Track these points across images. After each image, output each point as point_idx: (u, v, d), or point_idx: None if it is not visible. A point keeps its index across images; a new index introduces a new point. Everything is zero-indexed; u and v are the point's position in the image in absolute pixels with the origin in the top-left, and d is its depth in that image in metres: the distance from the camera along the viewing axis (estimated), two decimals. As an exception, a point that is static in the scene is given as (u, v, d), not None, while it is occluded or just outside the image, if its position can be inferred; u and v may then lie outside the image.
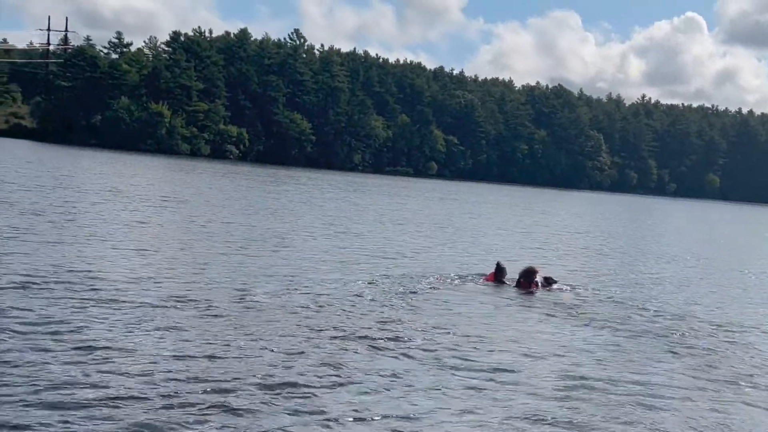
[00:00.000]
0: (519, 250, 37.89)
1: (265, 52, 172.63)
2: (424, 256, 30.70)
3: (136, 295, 18.02)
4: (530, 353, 16.36)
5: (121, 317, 16.01)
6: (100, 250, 23.98)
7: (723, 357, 17.71)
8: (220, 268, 22.83)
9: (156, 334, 14.92)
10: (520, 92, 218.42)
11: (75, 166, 73.25)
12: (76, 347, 13.53)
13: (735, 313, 24.15)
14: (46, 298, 16.89)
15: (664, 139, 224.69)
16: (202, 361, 13.53)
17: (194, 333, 15.32)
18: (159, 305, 17.34)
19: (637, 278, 30.87)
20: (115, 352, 13.42)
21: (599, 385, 14.42)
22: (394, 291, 21.84)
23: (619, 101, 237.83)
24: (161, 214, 37.52)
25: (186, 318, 16.45)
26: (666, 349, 17.88)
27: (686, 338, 19.22)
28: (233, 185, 69.84)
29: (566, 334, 18.60)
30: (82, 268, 20.41)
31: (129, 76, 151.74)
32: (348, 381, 13.30)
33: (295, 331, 16.22)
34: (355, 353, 15.00)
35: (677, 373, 15.93)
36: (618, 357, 16.70)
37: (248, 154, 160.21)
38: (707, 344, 18.80)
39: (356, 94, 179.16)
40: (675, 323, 21.14)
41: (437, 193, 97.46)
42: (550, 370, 15.12)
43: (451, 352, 15.89)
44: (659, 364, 16.50)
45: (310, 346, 15.13)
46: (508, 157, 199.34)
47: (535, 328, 19.09)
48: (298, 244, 30.54)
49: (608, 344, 17.80)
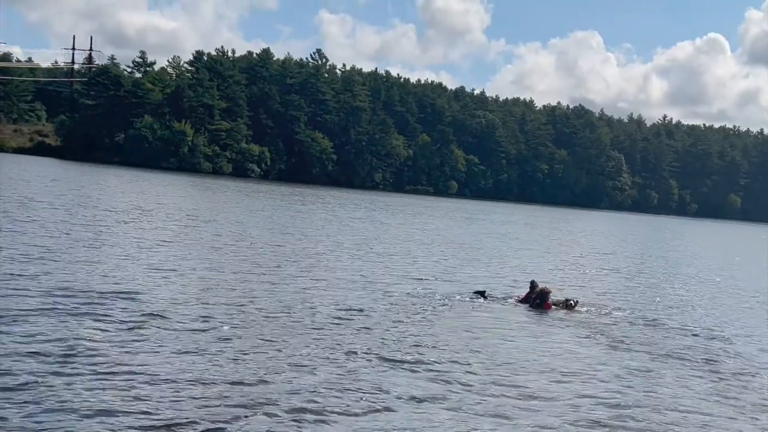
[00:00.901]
0: (549, 271, 38.02)
1: (287, 72, 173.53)
2: (454, 277, 30.91)
3: (167, 316, 18.30)
4: (555, 376, 16.51)
5: (150, 338, 16.30)
6: (131, 271, 24.29)
7: (752, 378, 17.79)
8: (251, 289, 23.07)
9: (183, 356, 15.17)
10: (541, 112, 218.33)
11: (100, 184, 73.90)
12: (106, 371, 13.79)
13: (762, 333, 24.19)
14: (74, 320, 17.18)
15: (685, 159, 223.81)
16: (226, 382, 13.78)
17: (222, 353, 15.58)
18: (188, 326, 17.62)
19: (664, 299, 30.91)
20: (140, 375, 13.69)
21: (630, 412, 14.55)
22: (419, 311, 22.06)
23: (640, 121, 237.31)
24: (191, 234, 37.79)
25: (213, 339, 16.70)
26: (694, 372, 17.98)
27: (715, 360, 19.30)
28: (261, 204, 70.26)
29: (591, 356, 18.73)
30: (113, 290, 20.72)
31: (152, 95, 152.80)
32: (371, 403, 13.53)
33: (322, 351, 16.43)
34: (381, 374, 15.21)
35: (708, 396, 16.03)
36: (647, 380, 16.80)
37: (270, 172, 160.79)
38: (736, 366, 18.89)
39: (377, 113, 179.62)
40: (705, 345, 21.21)
41: (462, 213, 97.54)
42: (578, 394, 15.27)
43: (476, 374, 16.07)
44: (689, 387, 16.60)
45: (337, 368, 15.34)
46: (528, 176, 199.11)
47: (559, 349, 19.23)
48: (330, 265, 30.78)
49: (635, 366, 17.92)
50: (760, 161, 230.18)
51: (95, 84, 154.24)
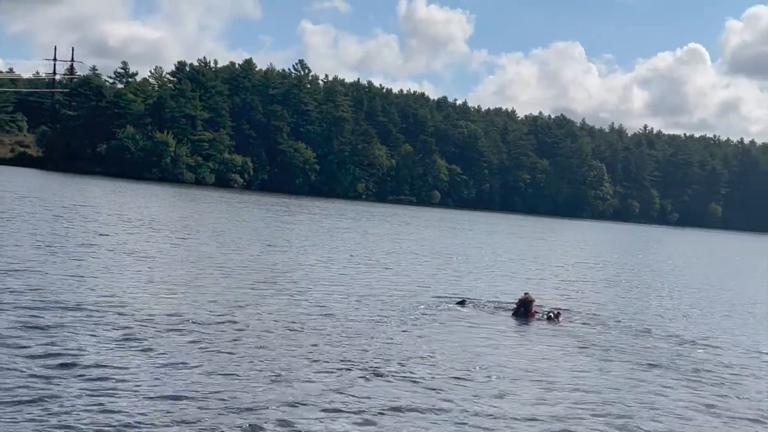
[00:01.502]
0: (539, 281, 38.26)
1: (269, 82, 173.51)
2: (443, 286, 31.06)
3: (152, 329, 18.35)
4: (536, 384, 16.68)
5: (136, 350, 16.36)
6: (116, 283, 24.27)
7: (737, 386, 18.01)
8: (238, 300, 23.12)
9: (169, 369, 15.23)
10: (523, 122, 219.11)
11: (84, 195, 73.58)
12: (93, 386, 13.86)
13: (748, 341, 24.45)
14: (60, 333, 17.20)
15: (666, 168, 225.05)
16: (212, 395, 13.88)
17: (209, 365, 15.68)
18: (175, 339, 17.67)
19: (649, 308, 31.15)
20: (126, 390, 13.77)
21: (610, 419, 14.74)
22: (407, 321, 22.19)
23: (621, 131, 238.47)
24: (177, 246, 37.64)
25: (200, 351, 16.79)
26: (680, 380, 18.18)
27: (700, 368, 19.51)
28: (247, 215, 70.21)
29: (574, 365, 18.91)
30: (99, 302, 20.72)
31: (134, 106, 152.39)
32: (355, 413, 13.66)
33: (309, 362, 16.54)
34: (364, 385, 15.33)
35: (693, 404, 16.23)
36: (628, 387, 16.99)
37: (252, 183, 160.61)
38: (722, 373, 19.12)
39: (360, 123, 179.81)
40: (691, 353, 21.43)
41: (447, 223, 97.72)
42: (560, 403, 15.44)
43: (461, 381, 16.23)
44: (674, 395, 16.81)
45: (323, 378, 15.46)
46: (510, 186, 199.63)
47: (542, 358, 19.39)
48: (318, 275, 30.85)
49: (619, 373, 18.10)
50: (741, 170, 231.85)
51: (77, 95, 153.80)
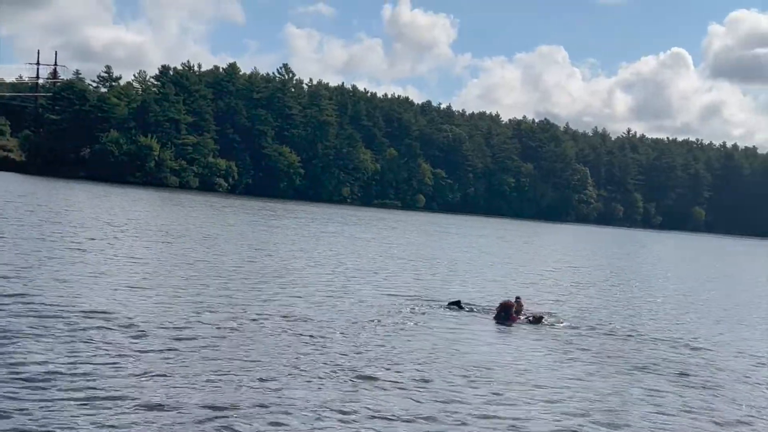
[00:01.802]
0: (528, 284, 38.29)
1: (253, 86, 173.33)
2: (434, 291, 31.01)
3: (138, 335, 18.19)
4: (517, 387, 16.61)
5: (121, 357, 16.21)
6: (102, 289, 24.08)
7: (722, 387, 18.01)
8: (226, 306, 22.97)
9: (156, 378, 15.08)
10: (507, 126, 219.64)
11: (69, 199, 73.12)
12: (78, 395, 13.72)
13: (738, 344, 24.48)
14: (46, 341, 17.02)
15: (649, 172, 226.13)
16: (198, 403, 13.76)
17: (194, 372, 15.53)
18: (161, 346, 17.50)
19: (637, 312, 31.19)
20: (113, 398, 13.64)
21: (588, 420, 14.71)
22: (392, 326, 22.10)
23: (604, 135, 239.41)
24: (164, 250, 37.46)
25: (187, 357, 16.64)
26: (667, 384, 18.15)
27: (688, 372, 19.51)
28: (233, 219, 70.02)
29: (558, 367, 18.87)
30: (85, 309, 20.53)
31: (118, 110, 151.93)
32: (343, 414, 13.62)
33: (293, 364, 16.43)
34: (352, 391, 15.23)
35: (680, 408, 16.21)
36: (617, 392, 16.95)
37: (237, 187, 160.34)
38: (710, 376, 19.11)
39: (344, 127, 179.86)
40: (679, 356, 21.43)
41: (434, 227, 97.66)
42: (544, 407, 15.38)
43: (447, 384, 16.18)
44: (661, 399, 16.78)
45: (310, 384, 15.35)
46: (495, 190, 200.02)
47: (525, 360, 19.35)
48: (307, 281, 30.73)
49: (602, 377, 18.06)
50: (724, 174, 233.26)
51: (60, 99, 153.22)
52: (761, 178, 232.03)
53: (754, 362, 22.57)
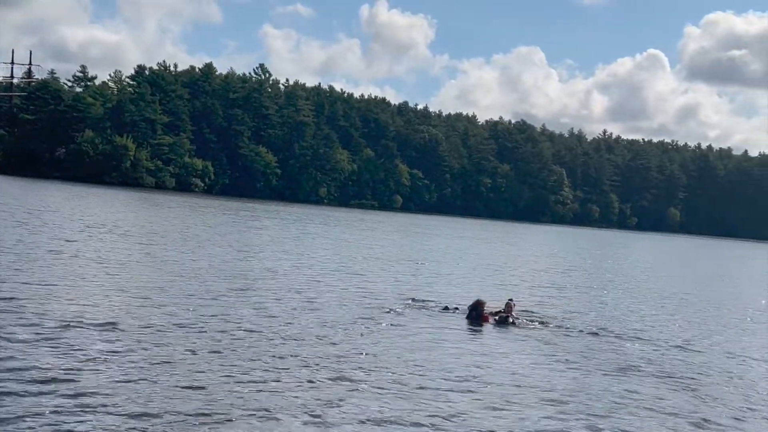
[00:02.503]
0: (512, 285, 38.35)
1: (230, 87, 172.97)
2: (414, 292, 30.95)
3: (120, 339, 18.07)
4: (498, 385, 16.66)
5: (102, 362, 16.09)
6: (83, 293, 23.83)
7: (705, 387, 18.11)
8: (211, 309, 22.82)
9: (139, 383, 14.99)
10: (484, 127, 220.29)
11: (46, 200, 72.35)
12: (72, 401, 13.65)
13: (724, 344, 24.63)
14: (28, 346, 16.91)
15: (625, 173, 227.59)
16: (183, 410, 13.70)
17: (178, 375, 15.44)
18: (142, 351, 17.36)
19: (615, 312, 31.28)
20: (89, 400, 13.57)
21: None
22: (378, 326, 22.06)
23: (581, 136, 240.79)
24: (144, 252, 36.93)
25: (170, 362, 16.53)
26: (641, 380, 18.23)
27: (669, 371, 19.61)
28: (214, 220, 69.72)
29: (536, 366, 18.93)
30: (67, 313, 20.33)
31: (93, 110, 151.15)
32: (320, 413, 13.64)
33: (275, 366, 16.35)
34: (330, 389, 15.23)
35: (667, 407, 16.30)
36: (597, 392, 17.02)
37: (213, 187, 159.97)
38: (693, 375, 19.20)
39: (321, 128, 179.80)
40: (656, 355, 21.50)
41: (414, 228, 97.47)
42: (514, 405, 15.43)
43: (425, 382, 16.22)
44: (636, 396, 16.85)
45: (290, 383, 15.33)
46: (472, 190, 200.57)
47: (501, 361, 19.37)
48: (292, 283, 30.45)
49: (578, 376, 18.10)
50: (699, 175, 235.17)
51: (35, 98, 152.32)
52: (736, 179, 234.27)
53: (739, 361, 22.73)
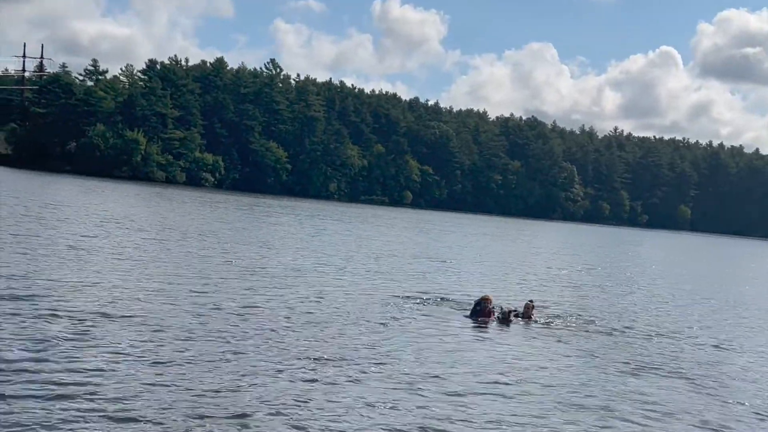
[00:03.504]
0: (533, 284, 38.29)
1: (241, 81, 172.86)
2: (445, 289, 30.97)
3: (130, 333, 18.07)
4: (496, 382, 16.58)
5: (111, 354, 16.08)
6: (96, 287, 23.88)
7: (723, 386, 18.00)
8: (224, 302, 22.85)
9: (149, 387, 14.95)
10: (495, 123, 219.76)
11: (60, 194, 72.30)
12: (88, 404, 13.60)
13: (730, 340, 24.49)
14: (39, 339, 16.88)
15: (636, 170, 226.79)
16: (191, 387, 13.68)
17: (189, 369, 15.44)
18: (151, 341, 17.39)
19: (634, 310, 31.15)
20: (95, 405, 13.52)
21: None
22: (381, 321, 22.01)
23: (591, 133, 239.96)
24: (174, 249, 36.80)
25: (179, 355, 16.54)
26: (651, 378, 18.14)
27: (686, 369, 19.49)
28: (231, 216, 69.52)
29: (540, 362, 18.84)
30: (79, 307, 20.35)
31: (104, 103, 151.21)
32: (326, 406, 13.58)
33: (290, 363, 16.33)
34: (346, 380, 15.16)
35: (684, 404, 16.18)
36: (608, 389, 16.92)
37: (224, 182, 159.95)
38: (711, 372, 19.09)
39: (332, 123, 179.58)
40: (668, 351, 21.40)
41: (430, 225, 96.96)
42: (521, 400, 15.34)
43: (433, 379, 16.16)
44: (649, 393, 16.75)
45: (300, 373, 15.28)
46: (482, 187, 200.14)
47: (506, 355, 19.31)
48: (316, 279, 30.48)
49: (593, 374, 18.03)
50: (710, 173, 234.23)
51: (46, 92, 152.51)
52: (747, 177, 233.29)
53: (754, 359, 22.63)
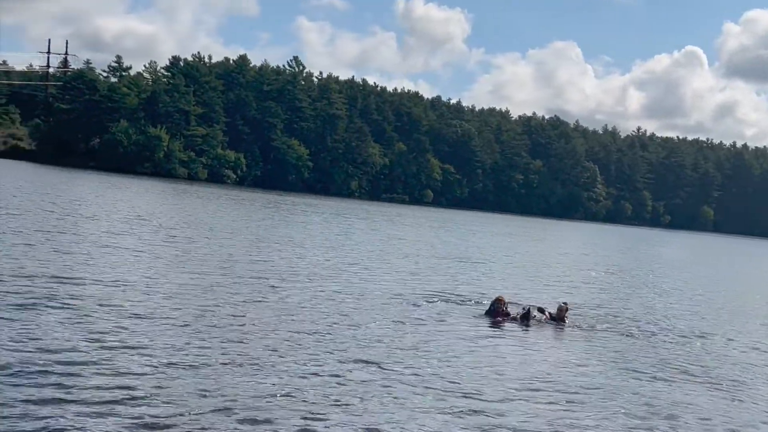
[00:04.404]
0: (568, 286, 38.23)
1: (263, 78, 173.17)
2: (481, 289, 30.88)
3: (148, 329, 18.07)
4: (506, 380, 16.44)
5: (129, 349, 16.06)
6: (117, 283, 23.91)
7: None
8: (245, 299, 22.80)
9: (164, 364, 14.95)
10: (517, 122, 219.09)
11: (85, 191, 72.52)
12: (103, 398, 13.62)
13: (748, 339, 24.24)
14: (57, 331, 16.91)
15: (659, 171, 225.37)
16: (214, 380, 13.65)
17: (206, 363, 15.41)
18: (171, 337, 17.38)
19: (659, 312, 30.94)
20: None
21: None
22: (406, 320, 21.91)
23: (614, 133, 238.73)
24: (205, 247, 36.95)
25: (195, 350, 16.50)
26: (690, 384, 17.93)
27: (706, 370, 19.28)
28: (260, 214, 69.45)
29: (578, 367, 18.69)
30: (97, 301, 20.39)
31: (128, 100, 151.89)
32: (349, 401, 13.57)
33: (309, 355, 16.26)
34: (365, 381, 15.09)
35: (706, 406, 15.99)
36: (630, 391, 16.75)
37: (245, 179, 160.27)
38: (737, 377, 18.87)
39: (354, 121, 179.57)
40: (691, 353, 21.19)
41: (455, 225, 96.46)
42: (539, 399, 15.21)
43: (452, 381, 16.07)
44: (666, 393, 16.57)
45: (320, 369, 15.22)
46: (503, 186, 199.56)
47: (514, 358, 19.17)
48: (350, 278, 30.52)
49: (608, 377, 17.85)
50: (733, 174, 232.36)
51: (70, 88, 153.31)
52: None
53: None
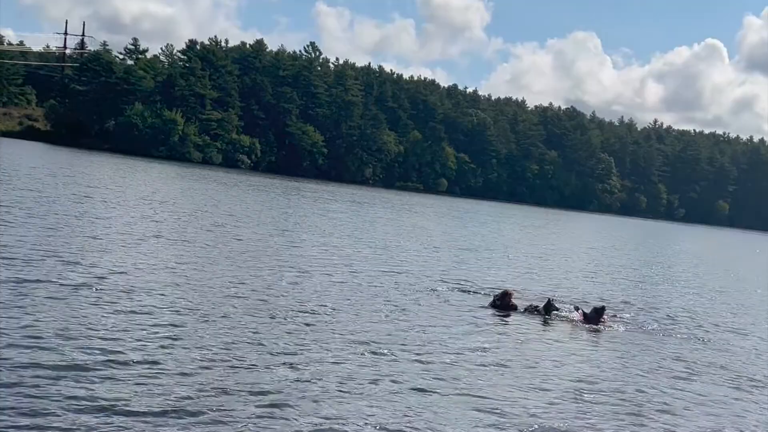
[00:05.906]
0: (600, 281, 38.09)
1: (280, 64, 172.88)
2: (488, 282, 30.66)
3: (157, 312, 17.89)
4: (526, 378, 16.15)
5: (134, 333, 15.87)
6: (127, 265, 23.77)
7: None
8: (264, 285, 22.61)
9: (176, 346, 14.76)
10: (533, 113, 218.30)
11: (103, 173, 72.49)
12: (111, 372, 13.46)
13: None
14: (69, 313, 16.76)
15: (674, 164, 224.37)
16: (221, 371, 13.49)
17: (209, 348, 15.20)
18: (192, 320, 17.23)
19: (697, 310, 30.59)
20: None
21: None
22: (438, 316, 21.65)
23: (630, 125, 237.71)
24: (231, 233, 36.99)
25: (202, 334, 16.30)
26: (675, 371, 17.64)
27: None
28: (284, 202, 69.35)
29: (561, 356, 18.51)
30: (109, 286, 20.24)
31: (144, 83, 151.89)
32: (356, 391, 13.74)
33: (319, 341, 16.02)
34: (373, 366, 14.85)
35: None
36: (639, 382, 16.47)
37: (260, 164, 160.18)
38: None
39: (369, 108, 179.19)
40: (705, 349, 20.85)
41: (473, 214, 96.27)
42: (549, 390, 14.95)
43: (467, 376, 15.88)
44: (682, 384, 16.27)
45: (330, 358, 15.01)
46: (518, 176, 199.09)
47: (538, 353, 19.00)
48: (369, 267, 30.41)
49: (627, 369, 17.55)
50: (749, 168, 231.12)
51: (87, 70, 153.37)
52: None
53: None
